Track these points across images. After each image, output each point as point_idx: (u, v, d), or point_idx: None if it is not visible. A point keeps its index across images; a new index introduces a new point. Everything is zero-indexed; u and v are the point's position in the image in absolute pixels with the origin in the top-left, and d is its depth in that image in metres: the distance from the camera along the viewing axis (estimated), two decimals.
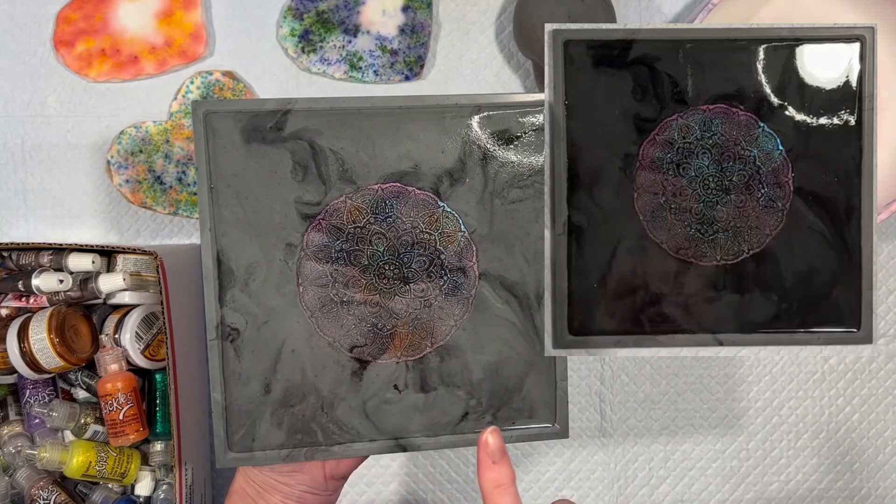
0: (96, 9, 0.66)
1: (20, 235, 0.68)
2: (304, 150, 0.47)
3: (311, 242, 0.47)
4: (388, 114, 0.47)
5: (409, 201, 0.48)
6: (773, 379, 0.70)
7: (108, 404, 0.57)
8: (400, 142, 0.47)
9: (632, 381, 0.70)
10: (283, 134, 0.46)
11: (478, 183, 0.48)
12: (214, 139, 0.46)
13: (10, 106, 0.67)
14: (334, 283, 0.47)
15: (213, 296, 0.47)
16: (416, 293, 0.48)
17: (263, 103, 0.46)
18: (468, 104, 0.47)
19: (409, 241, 0.48)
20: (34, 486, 0.59)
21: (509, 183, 0.48)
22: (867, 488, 0.71)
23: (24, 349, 0.56)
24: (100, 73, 0.66)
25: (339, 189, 0.47)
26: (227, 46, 0.68)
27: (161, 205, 0.66)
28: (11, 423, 0.62)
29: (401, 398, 0.48)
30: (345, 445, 0.48)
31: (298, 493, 0.50)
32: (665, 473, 0.70)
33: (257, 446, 0.48)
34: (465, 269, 0.48)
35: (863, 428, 0.71)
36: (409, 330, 0.48)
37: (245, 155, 0.46)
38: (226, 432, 0.47)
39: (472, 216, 0.48)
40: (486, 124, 0.48)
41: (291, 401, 0.48)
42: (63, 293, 0.58)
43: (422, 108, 0.47)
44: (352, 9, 0.66)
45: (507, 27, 0.68)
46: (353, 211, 0.47)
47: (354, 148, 0.47)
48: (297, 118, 0.46)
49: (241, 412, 0.48)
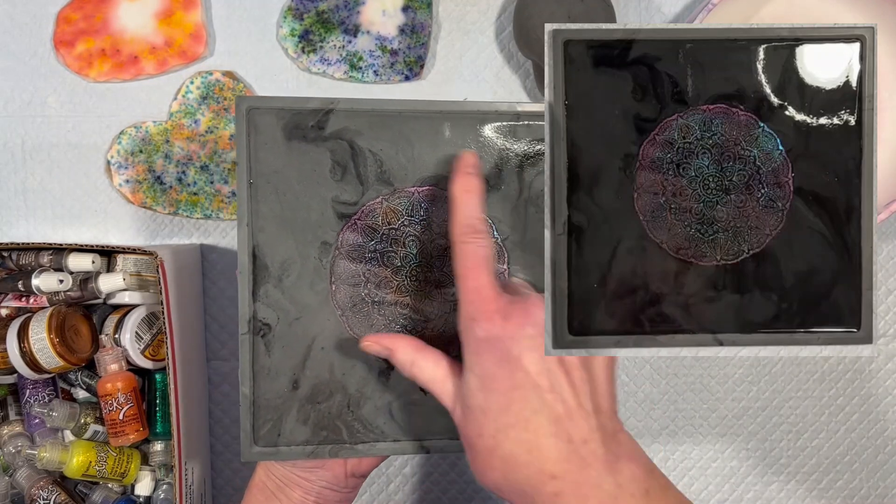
0: (96, 9, 0.66)
1: (20, 235, 0.68)
2: (344, 150, 0.47)
3: (345, 242, 0.47)
4: (428, 118, 0.47)
5: (444, 205, 0.48)
6: (773, 379, 0.70)
7: (108, 404, 0.57)
8: (438, 146, 0.47)
9: (632, 381, 0.70)
10: (325, 133, 0.47)
11: (513, 190, 0.48)
12: (256, 135, 0.46)
13: (10, 106, 0.67)
14: (366, 283, 0.48)
15: (247, 290, 0.47)
16: (447, 297, 0.48)
17: (307, 101, 0.46)
18: (508, 111, 0.48)
19: (442, 245, 0.48)
20: (34, 486, 0.59)
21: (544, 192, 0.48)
22: (867, 488, 0.71)
23: (24, 349, 0.56)
24: (100, 73, 0.66)
25: (375, 190, 0.47)
26: (227, 46, 0.68)
27: (161, 205, 0.66)
28: (11, 423, 0.62)
29: (426, 400, 0.48)
30: (369, 444, 0.48)
31: (318, 489, 0.50)
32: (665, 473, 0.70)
33: (282, 441, 0.48)
34: (497, 275, 0.48)
35: (863, 428, 0.71)
36: (438, 332, 0.48)
37: (286, 152, 0.47)
38: (252, 426, 0.48)
39: (505, 223, 0.48)
40: (525, 133, 0.48)
41: (318, 398, 0.48)
42: (63, 293, 0.58)
43: (462, 114, 0.47)
44: (352, 9, 0.66)
45: (507, 27, 0.68)
46: (388, 212, 0.48)
47: (394, 150, 0.47)
48: (338, 118, 0.47)
49: (268, 407, 0.48)
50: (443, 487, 0.70)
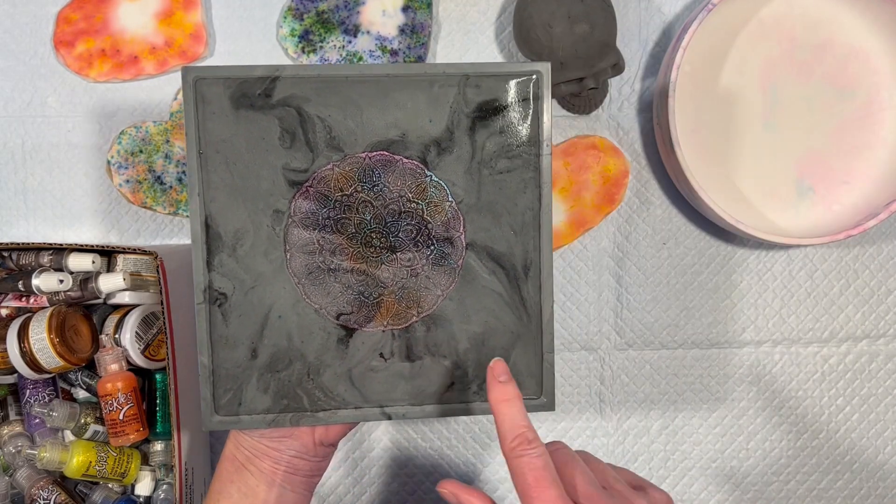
0: (96, 9, 0.66)
1: (20, 235, 0.68)
2: (292, 117, 0.47)
3: (298, 209, 0.47)
4: (376, 82, 0.47)
5: (396, 170, 0.48)
6: (773, 379, 0.70)
7: (108, 404, 0.57)
8: (387, 110, 0.47)
9: (632, 381, 0.70)
10: (272, 101, 0.47)
11: (465, 153, 0.48)
12: (204, 105, 0.46)
13: (10, 106, 0.67)
14: (321, 251, 0.48)
15: (201, 260, 0.47)
16: (402, 262, 0.48)
17: (252, 70, 0.46)
18: (456, 73, 0.47)
19: (396, 210, 0.48)
20: (34, 486, 0.59)
21: (497, 153, 0.48)
22: (867, 488, 0.71)
23: (24, 349, 0.56)
24: (100, 73, 0.66)
25: (326, 156, 0.47)
26: (227, 46, 0.68)
27: (161, 205, 0.66)
28: (11, 423, 0.62)
29: (386, 366, 0.49)
30: (330, 412, 0.48)
31: (288, 459, 0.50)
32: (665, 473, 0.70)
33: (243, 410, 0.48)
34: (453, 239, 0.48)
35: (863, 428, 0.71)
36: (395, 299, 0.48)
37: (234, 121, 0.47)
38: (212, 395, 0.48)
39: (459, 186, 0.48)
40: (475, 94, 0.48)
41: (278, 366, 0.48)
42: (63, 293, 0.58)
43: (409, 77, 0.47)
44: (352, 9, 0.66)
45: (507, 27, 0.68)
46: (340, 179, 0.48)
47: (342, 115, 0.47)
48: (285, 85, 0.46)
49: (227, 376, 0.48)
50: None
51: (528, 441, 0.40)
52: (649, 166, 0.69)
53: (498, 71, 0.47)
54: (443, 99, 0.47)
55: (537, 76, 0.48)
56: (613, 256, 0.69)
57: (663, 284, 0.69)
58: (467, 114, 0.48)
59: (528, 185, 0.48)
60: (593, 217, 0.67)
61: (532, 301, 0.49)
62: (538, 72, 0.48)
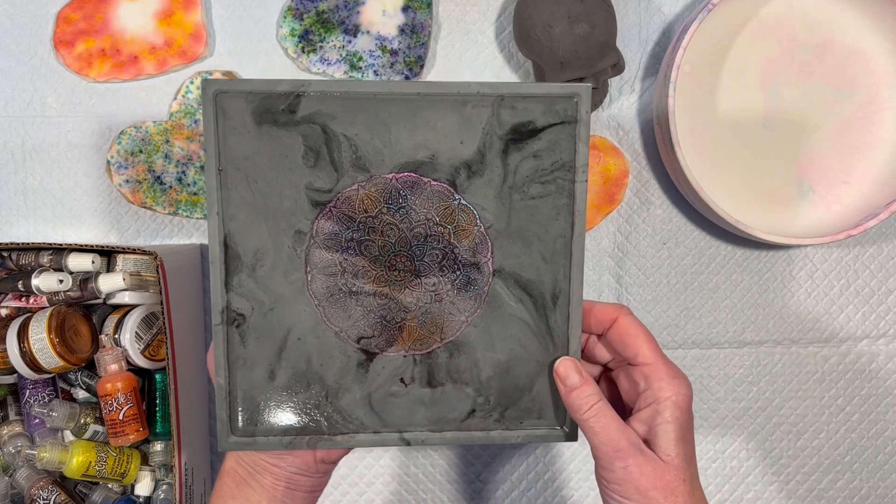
0: (96, 9, 0.66)
1: (20, 235, 0.68)
2: (317, 135, 0.45)
3: (321, 230, 0.46)
4: (406, 100, 0.45)
5: (423, 192, 0.46)
6: (774, 379, 0.70)
7: (107, 404, 0.57)
8: (417, 130, 0.46)
9: None
10: (296, 117, 0.45)
11: (497, 176, 0.46)
12: (225, 120, 0.45)
13: (10, 106, 0.67)
14: (343, 273, 0.47)
15: (219, 280, 0.46)
16: (427, 287, 0.47)
17: (276, 84, 0.45)
18: (491, 93, 0.45)
19: (422, 234, 0.47)
20: (34, 486, 0.59)
21: (530, 178, 0.46)
22: (867, 488, 0.71)
23: (24, 349, 0.56)
24: (100, 73, 0.66)
25: (351, 177, 0.46)
26: (227, 46, 0.68)
27: (161, 205, 0.66)
28: (11, 423, 0.62)
29: (407, 392, 0.48)
30: (348, 436, 0.48)
31: (288, 475, 0.50)
32: None
33: (260, 432, 0.47)
34: (480, 264, 0.47)
35: (863, 428, 0.71)
36: (418, 324, 0.47)
37: (256, 137, 0.45)
38: (228, 416, 0.47)
39: (489, 210, 0.47)
40: (510, 115, 0.46)
41: (296, 388, 0.47)
42: (63, 293, 0.58)
43: (441, 96, 0.45)
44: (352, 9, 0.66)
45: (507, 27, 0.68)
46: (365, 200, 0.46)
47: (369, 134, 0.45)
48: (310, 101, 0.45)
49: (245, 397, 0.47)
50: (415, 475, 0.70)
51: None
52: (649, 166, 0.69)
53: (535, 92, 0.46)
54: (475, 120, 0.46)
55: (577, 98, 0.46)
56: (613, 256, 0.69)
57: (663, 284, 0.69)
58: (500, 136, 0.46)
59: (561, 211, 0.47)
60: (593, 217, 0.67)
61: (559, 331, 0.48)
62: (577, 94, 0.46)
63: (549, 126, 0.46)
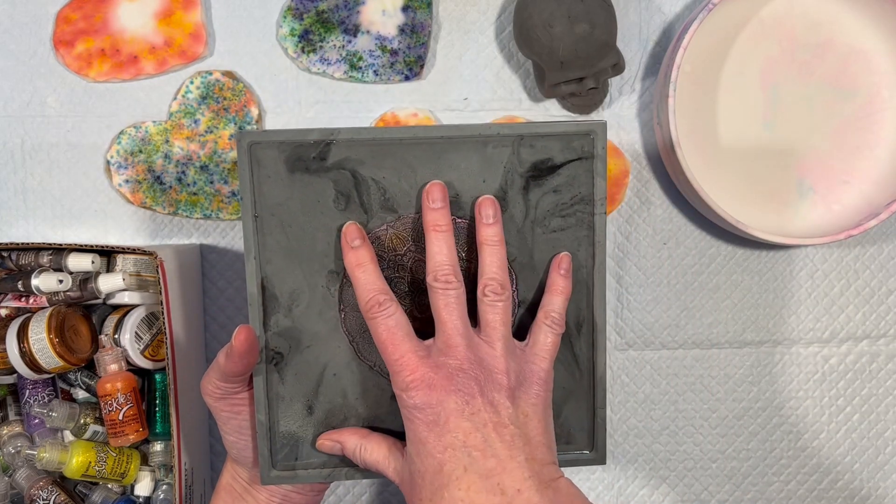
0: (96, 9, 0.66)
1: (20, 235, 0.67)
2: (347, 180, 0.47)
3: None
4: (430, 144, 0.47)
5: None
6: (774, 379, 0.70)
7: (107, 404, 0.57)
8: (441, 171, 0.47)
9: (632, 381, 0.70)
10: (327, 164, 0.47)
11: (519, 212, 0.48)
12: (259, 169, 0.47)
13: (9, 106, 0.67)
14: None
15: (258, 321, 0.48)
16: None
17: (307, 133, 0.47)
18: (511, 134, 0.47)
19: None
20: (34, 487, 0.59)
21: (551, 212, 0.48)
22: (867, 488, 0.71)
23: (24, 349, 0.56)
24: (100, 73, 0.66)
25: (380, 218, 0.48)
26: (227, 46, 0.68)
27: (161, 205, 0.66)
28: (11, 424, 0.62)
29: None
30: None
31: (284, 492, 0.51)
32: (665, 473, 0.70)
33: (300, 465, 0.49)
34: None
35: (863, 428, 0.71)
36: None
37: (289, 184, 0.47)
38: (269, 451, 0.48)
39: (512, 245, 0.48)
40: (529, 154, 0.48)
41: (333, 422, 0.49)
42: (63, 293, 0.58)
43: (463, 138, 0.47)
44: (352, 9, 0.66)
45: (507, 27, 0.68)
46: (393, 239, 0.48)
47: (396, 177, 0.47)
48: (339, 148, 0.47)
49: (284, 432, 0.49)
50: None
51: (378, 304, 0.44)
52: (649, 166, 0.69)
53: (553, 131, 0.47)
54: (496, 159, 0.47)
55: (593, 135, 0.48)
56: (614, 256, 0.69)
57: (664, 284, 0.69)
58: (521, 173, 0.48)
59: (582, 243, 0.48)
60: None
61: (584, 357, 0.49)
62: (594, 130, 0.48)
63: (567, 162, 0.48)
